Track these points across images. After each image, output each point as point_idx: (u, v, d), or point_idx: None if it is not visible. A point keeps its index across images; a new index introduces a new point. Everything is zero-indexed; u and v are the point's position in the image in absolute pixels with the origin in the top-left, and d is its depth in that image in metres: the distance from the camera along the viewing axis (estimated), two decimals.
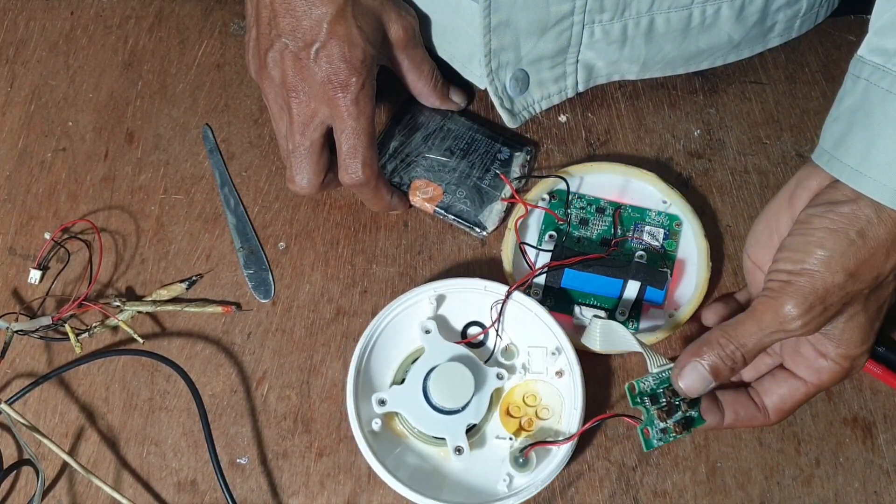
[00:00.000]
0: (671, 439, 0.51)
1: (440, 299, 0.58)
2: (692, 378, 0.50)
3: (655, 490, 0.55)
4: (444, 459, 0.55)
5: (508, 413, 0.55)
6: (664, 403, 0.51)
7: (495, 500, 0.52)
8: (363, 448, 0.53)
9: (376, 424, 0.54)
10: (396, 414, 0.55)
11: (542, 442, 0.53)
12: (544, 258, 0.59)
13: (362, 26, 0.56)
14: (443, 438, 0.54)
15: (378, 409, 0.54)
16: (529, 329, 0.56)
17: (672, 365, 0.52)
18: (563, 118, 0.67)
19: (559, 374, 0.55)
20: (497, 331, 0.56)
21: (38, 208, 0.65)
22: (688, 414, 0.51)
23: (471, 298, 0.58)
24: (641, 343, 0.52)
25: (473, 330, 0.58)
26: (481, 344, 0.58)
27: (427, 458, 0.55)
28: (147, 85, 0.70)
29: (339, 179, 0.58)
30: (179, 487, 0.56)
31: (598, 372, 0.58)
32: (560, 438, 0.53)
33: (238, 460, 0.57)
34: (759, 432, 0.57)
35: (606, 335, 0.54)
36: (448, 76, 0.65)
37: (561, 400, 0.55)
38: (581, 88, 0.66)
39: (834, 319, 0.49)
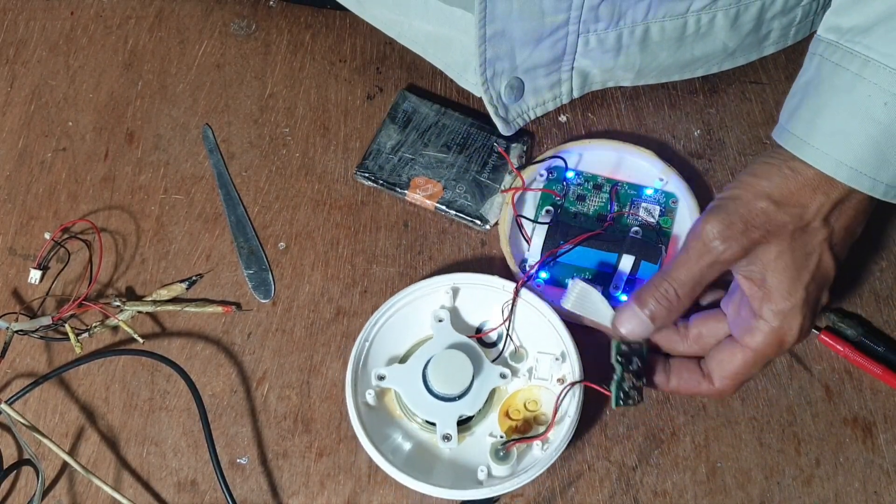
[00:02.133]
0: (630, 404, 0.52)
1: (456, 291, 0.58)
2: (630, 322, 0.51)
3: (655, 490, 0.55)
4: (434, 445, 0.55)
5: (507, 415, 0.55)
6: (635, 368, 0.52)
7: (470, 488, 0.52)
8: (353, 418, 0.53)
9: (370, 396, 0.54)
10: (393, 392, 0.56)
11: (523, 438, 0.53)
12: (540, 231, 0.60)
13: None
14: (434, 423, 0.54)
15: (375, 383, 0.54)
16: (540, 333, 0.57)
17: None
18: (563, 118, 0.68)
19: (561, 380, 0.55)
20: (507, 330, 0.57)
21: (38, 208, 0.65)
22: (645, 382, 0.53)
23: (488, 296, 0.58)
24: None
25: (487, 328, 0.58)
26: (494, 345, 0.58)
27: (417, 441, 0.55)
28: (147, 85, 0.70)
29: None
30: (179, 487, 0.56)
31: (599, 375, 0.58)
32: (545, 441, 0.53)
33: (238, 460, 0.57)
34: (760, 432, 0.57)
35: (581, 298, 0.54)
36: (445, 81, 0.65)
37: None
38: (576, 94, 0.66)
39: (757, 252, 0.50)
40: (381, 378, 0.54)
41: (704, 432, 0.57)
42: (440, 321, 0.56)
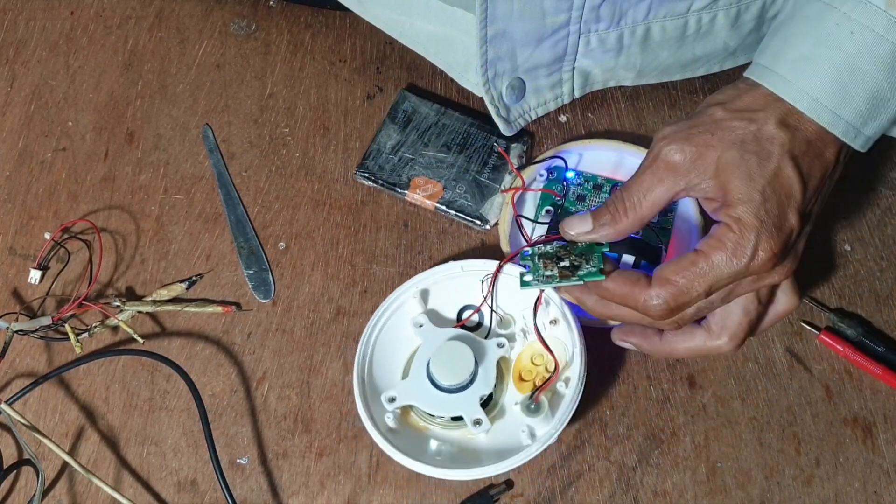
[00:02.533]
0: (557, 282, 0.52)
1: (425, 294, 0.58)
2: (572, 219, 0.52)
3: (655, 490, 0.55)
4: (471, 438, 0.55)
5: (521, 378, 0.56)
6: (552, 255, 0.53)
7: (521, 451, 0.51)
8: (384, 446, 0.53)
9: (390, 419, 0.54)
10: (411, 408, 0.56)
11: (543, 385, 0.54)
12: (540, 231, 0.60)
13: None
14: (460, 417, 0.54)
15: (389, 407, 0.54)
16: (519, 295, 0.56)
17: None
18: (563, 118, 0.68)
19: (554, 322, 0.56)
20: (490, 306, 0.57)
21: (38, 208, 0.65)
22: (576, 262, 0.52)
23: (456, 284, 0.58)
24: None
25: (468, 313, 0.58)
26: (479, 325, 0.58)
27: (455, 442, 0.55)
28: (147, 85, 0.70)
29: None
30: (179, 487, 0.56)
31: (602, 373, 0.58)
32: (564, 379, 0.54)
33: (238, 460, 0.57)
34: (760, 432, 0.57)
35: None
36: (445, 81, 0.65)
37: (564, 348, 0.55)
38: (577, 94, 0.66)
39: (705, 161, 0.48)
40: (392, 400, 0.54)
41: (704, 432, 0.57)
42: (420, 326, 0.57)
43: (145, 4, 0.73)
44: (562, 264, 0.52)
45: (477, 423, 0.53)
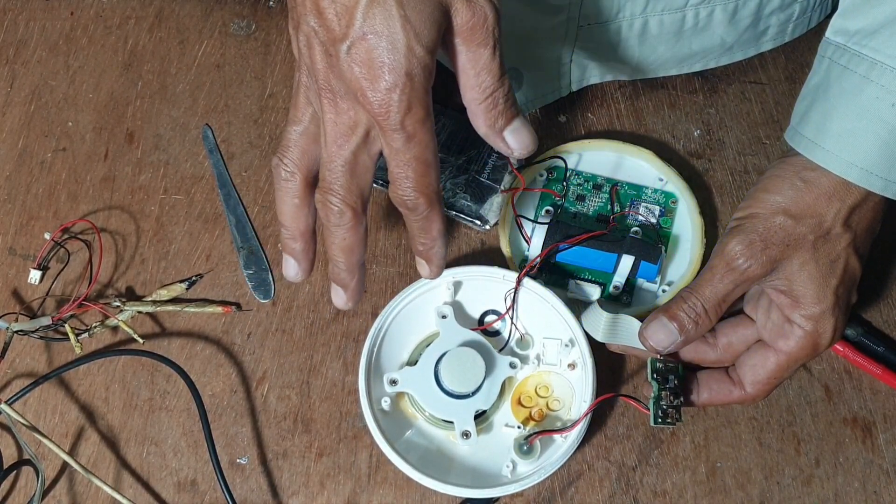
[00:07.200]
0: (668, 424, 0.52)
1: (457, 286, 0.58)
2: (658, 333, 0.52)
3: (655, 490, 0.55)
4: (451, 443, 0.55)
5: (520, 403, 0.55)
6: (672, 387, 0.52)
7: (498, 485, 0.52)
8: (372, 428, 0.53)
9: (385, 403, 0.54)
10: (407, 395, 0.56)
11: (545, 431, 0.53)
12: (540, 231, 0.60)
13: (411, 17, 0.43)
14: (451, 422, 0.54)
15: (389, 389, 0.54)
16: (545, 320, 0.57)
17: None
18: (562, 118, 0.68)
19: (571, 366, 0.56)
20: (511, 319, 0.57)
21: (38, 208, 0.65)
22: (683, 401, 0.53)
23: (488, 287, 0.58)
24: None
25: (490, 318, 0.59)
26: (497, 333, 0.58)
27: (435, 441, 0.55)
28: (147, 85, 0.70)
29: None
30: (179, 487, 0.56)
31: (610, 363, 0.58)
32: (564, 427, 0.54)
33: (238, 460, 0.57)
34: (759, 432, 0.57)
35: (611, 328, 0.54)
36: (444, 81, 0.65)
37: (572, 392, 0.55)
38: (574, 88, 0.66)
39: (781, 266, 0.50)
40: (394, 383, 0.54)
41: (704, 432, 0.57)
42: (444, 317, 0.57)
43: (145, 4, 0.73)
44: (675, 404, 0.52)
45: (465, 435, 0.53)
